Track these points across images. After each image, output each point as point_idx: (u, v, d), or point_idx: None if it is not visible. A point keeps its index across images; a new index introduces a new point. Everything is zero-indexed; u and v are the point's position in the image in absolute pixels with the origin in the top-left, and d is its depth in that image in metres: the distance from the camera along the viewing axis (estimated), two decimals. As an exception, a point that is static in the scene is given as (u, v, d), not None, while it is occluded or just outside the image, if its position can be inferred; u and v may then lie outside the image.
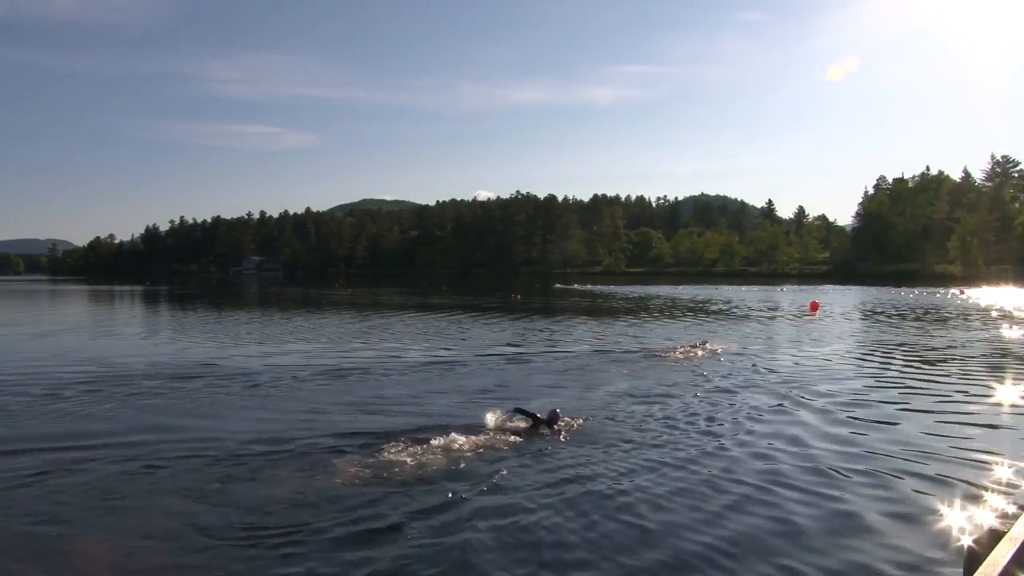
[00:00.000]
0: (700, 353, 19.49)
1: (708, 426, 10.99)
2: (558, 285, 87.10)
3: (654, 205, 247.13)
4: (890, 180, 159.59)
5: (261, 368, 17.14)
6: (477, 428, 10.54)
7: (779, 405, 12.65)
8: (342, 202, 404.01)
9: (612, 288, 76.57)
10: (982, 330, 26.72)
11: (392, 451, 9.47)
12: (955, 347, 21.42)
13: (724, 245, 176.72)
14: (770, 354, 19.97)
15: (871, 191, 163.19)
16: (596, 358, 19.23)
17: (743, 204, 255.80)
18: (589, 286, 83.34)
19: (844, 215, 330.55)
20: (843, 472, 8.51)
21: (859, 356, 19.74)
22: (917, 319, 31.99)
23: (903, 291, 63.60)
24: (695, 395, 13.60)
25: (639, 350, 20.85)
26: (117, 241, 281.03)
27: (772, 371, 16.71)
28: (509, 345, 22.19)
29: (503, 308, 40.24)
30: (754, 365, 17.63)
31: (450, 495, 7.70)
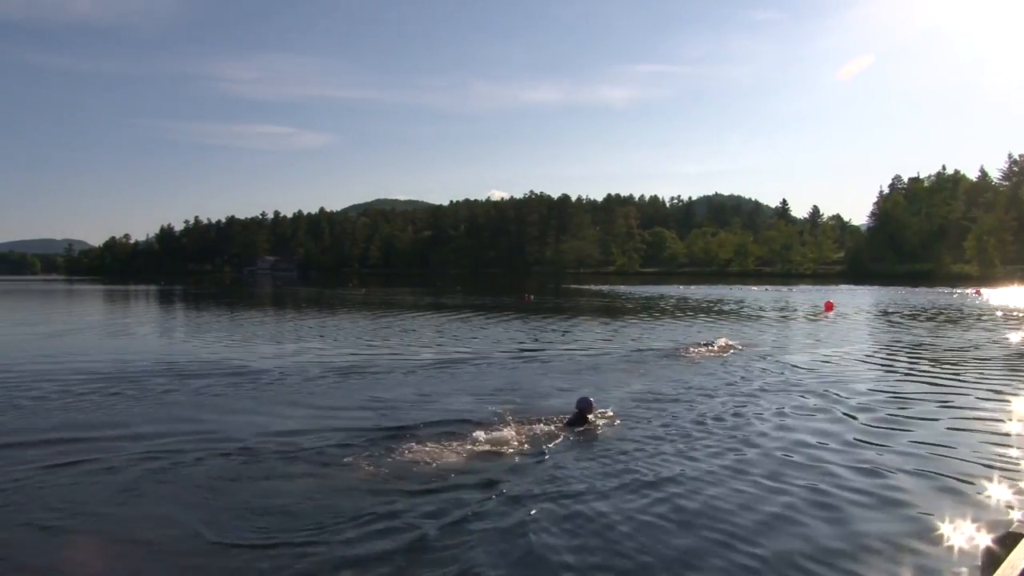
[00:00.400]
0: (717, 351, 19.66)
1: (739, 423, 11.06)
2: (566, 285, 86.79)
3: (668, 205, 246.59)
4: (905, 179, 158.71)
5: (275, 366, 17.26)
6: (505, 423, 10.66)
7: (804, 402, 12.75)
8: (356, 202, 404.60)
9: (622, 288, 76.38)
10: (1003, 331, 26.46)
11: (423, 447, 9.54)
12: (977, 347, 21.21)
13: (738, 245, 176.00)
14: (788, 352, 20.00)
15: (886, 191, 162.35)
16: (613, 357, 19.32)
17: (757, 204, 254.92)
18: (599, 286, 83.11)
19: (859, 215, 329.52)
20: (866, 472, 8.47)
21: (877, 355, 19.63)
22: (933, 320, 31.74)
23: (919, 291, 63.18)
24: (720, 392, 13.72)
25: (657, 348, 20.99)
26: (132, 241, 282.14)
27: (792, 368, 16.82)
28: (525, 344, 22.27)
29: (517, 308, 40.19)
30: (773, 362, 17.77)
31: (481, 491, 7.76)
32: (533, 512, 7.12)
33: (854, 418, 11.39)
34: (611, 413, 11.41)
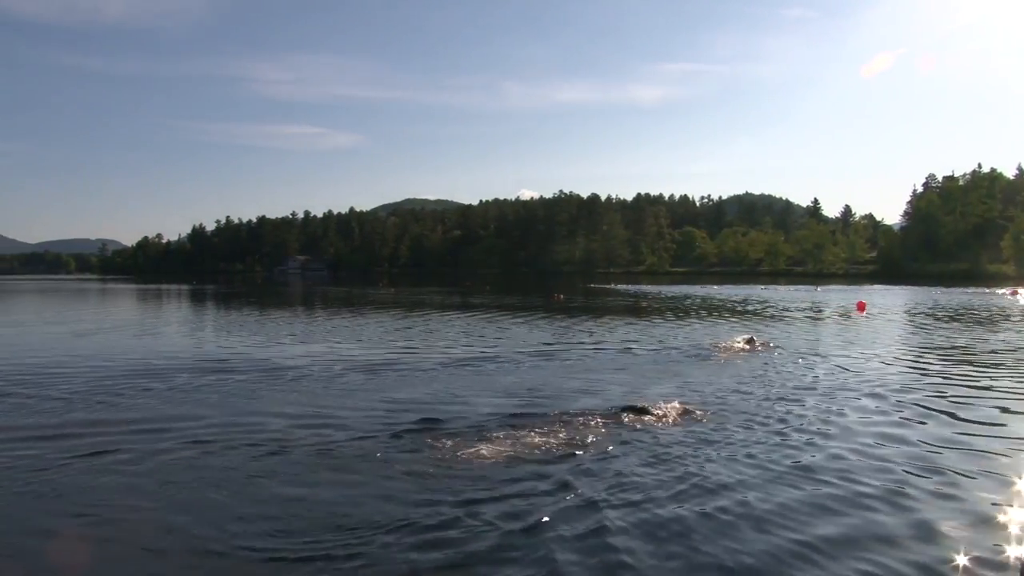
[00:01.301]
0: (751, 348, 19.70)
1: (793, 421, 10.92)
2: (595, 285, 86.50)
3: (698, 204, 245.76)
4: (940, 178, 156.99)
5: (310, 363, 17.31)
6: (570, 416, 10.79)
7: (854, 401, 12.57)
8: (385, 202, 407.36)
9: (652, 288, 76.03)
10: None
11: (474, 444, 9.50)
12: (1016, 350, 20.80)
13: (769, 244, 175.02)
14: (825, 351, 19.74)
15: (920, 189, 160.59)
16: (649, 354, 19.30)
17: (788, 203, 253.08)
18: (629, 286, 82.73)
19: (892, 214, 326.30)
20: (924, 472, 8.28)
21: (915, 356, 19.21)
22: (970, 320, 31.15)
23: (953, 291, 62.29)
24: (765, 390, 13.62)
25: (690, 346, 21.06)
26: (165, 241, 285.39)
27: (834, 367, 16.65)
28: (561, 342, 22.25)
29: (547, 308, 40.07)
30: (813, 361, 17.59)
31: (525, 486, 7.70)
32: (606, 512, 6.96)
33: (910, 419, 11.16)
34: (667, 407, 11.35)
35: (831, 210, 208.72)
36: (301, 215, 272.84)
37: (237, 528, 6.69)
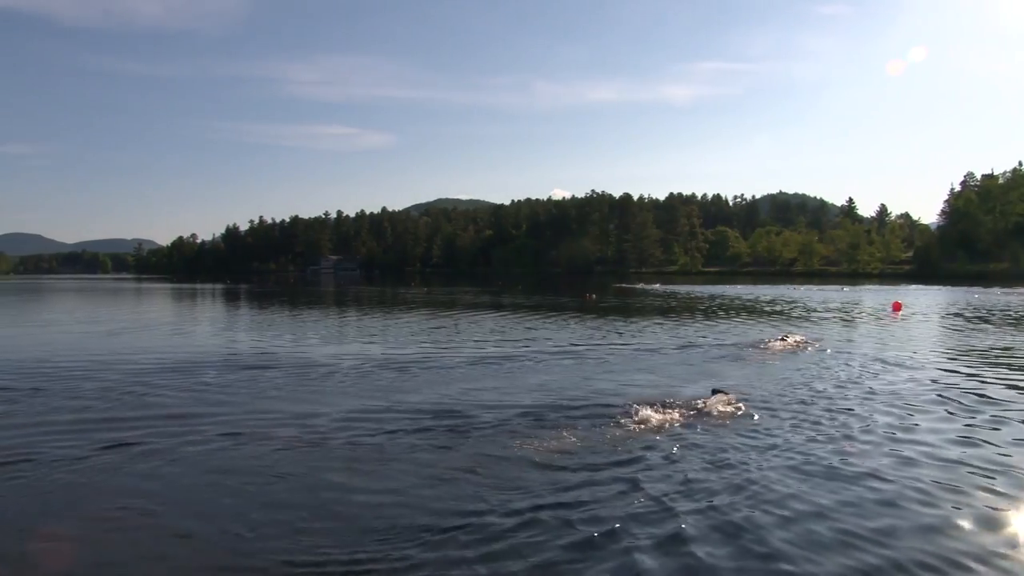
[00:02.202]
0: (787, 347, 19.68)
1: (855, 419, 10.79)
2: (628, 284, 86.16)
3: (731, 204, 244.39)
4: (978, 176, 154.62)
5: (342, 360, 17.31)
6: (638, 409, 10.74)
7: (902, 399, 12.41)
8: (417, 201, 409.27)
9: (678, 287, 75.58)
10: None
11: (539, 439, 9.56)
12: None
13: (803, 244, 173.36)
14: (861, 350, 19.51)
15: (958, 188, 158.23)
16: (684, 353, 19.20)
17: (822, 202, 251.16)
18: (662, 285, 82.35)
19: (929, 213, 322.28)
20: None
21: (956, 356, 18.85)
22: (1012, 321, 30.63)
23: (993, 292, 61.16)
24: (816, 387, 13.54)
25: (726, 345, 21.06)
26: (199, 240, 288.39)
27: (882, 366, 16.47)
28: (598, 340, 22.22)
29: (580, 308, 39.95)
30: (860, 360, 17.41)
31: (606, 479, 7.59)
32: (677, 511, 6.82)
33: (966, 418, 10.95)
34: (730, 402, 11.42)
35: (866, 209, 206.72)
36: (334, 215, 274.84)
37: (267, 525, 6.62)
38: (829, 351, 19.14)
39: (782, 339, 20.56)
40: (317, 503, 7.22)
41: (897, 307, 36.65)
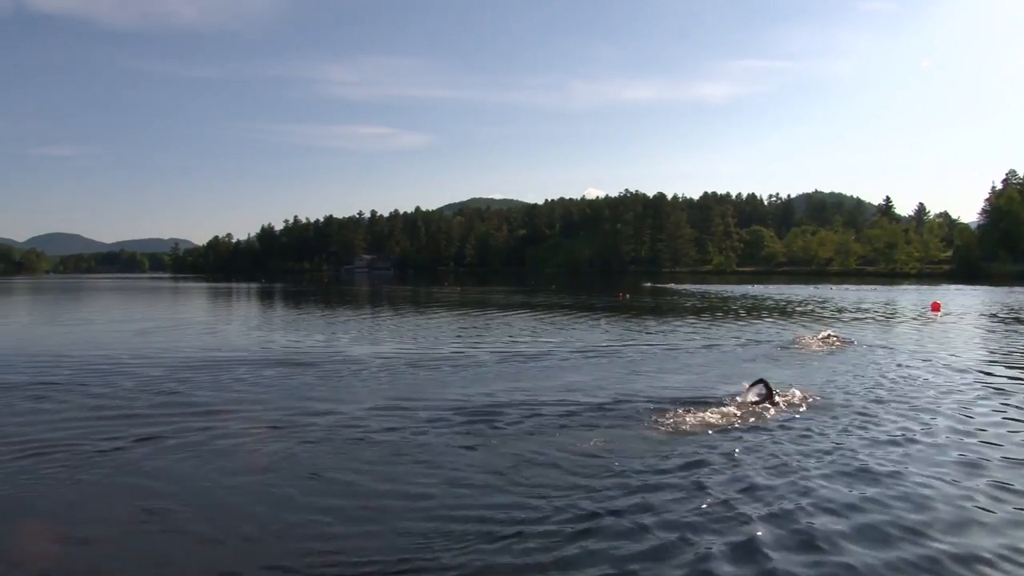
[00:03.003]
0: (828, 345, 19.65)
1: (909, 415, 10.74)
2: (661, 284, 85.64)
3: (766, 203, 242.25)
4: (1021, 174, 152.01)
5: (376, 358, 17.30)
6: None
7: (957, 396, 12.37)
8: (451, 201, 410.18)
9: (710, 287, 75.06)
10: None
11: (600, 435, 9.60)
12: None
13: (839, 244, 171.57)
14: (905, 349, 19.41)
15: (999, 186, 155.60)
16: (724, 351, 19.25)
17: (859, 201, 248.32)
18: (686, 285, 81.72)
19: (969, 212, 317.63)
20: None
21: (996, 356, 18.50)
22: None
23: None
24: (865, 384, 13.51)
25: (766, 342, 21.15)
26: (234, 240, 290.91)
27: (915, 362, 16.49)
28: (634, 338, 22.01)
29: (613, 307, 39.73)
30: (892, 356, 17.44)
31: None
32: (747, 514, 6.61)
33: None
34: (790, 396, 11.49)
35: (904, 208, 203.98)
36: (368, 215, 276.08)
37: (306, 526, 6.53)
38: (869, 349, 18.97)
39: (821, 337, 20.50)
40: (356, 503, 7.12)
41: (936, 307, 36.06)
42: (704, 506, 6.79)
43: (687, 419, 10.14)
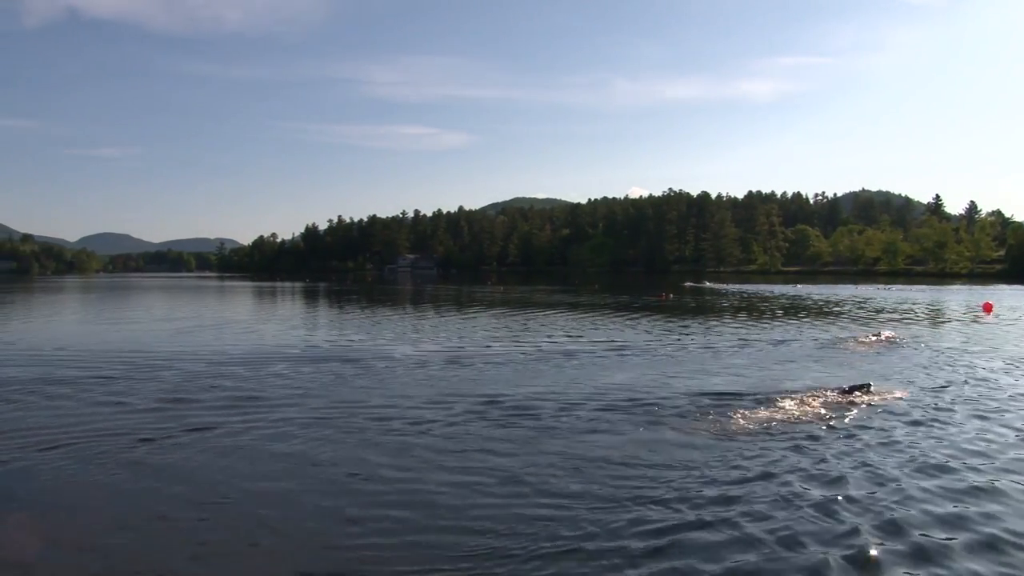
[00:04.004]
0: (886, 343, 19.73)
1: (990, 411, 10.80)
2: (703, 284, 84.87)
3: (812, 202, 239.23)
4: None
5: (424, 355, 17.59)
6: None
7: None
8: (494, 200, 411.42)
9: (750, 287, 74.32)
10: None
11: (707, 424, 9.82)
12: None
13: (886, 243, 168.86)
14: (965, 348, 19.32)
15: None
16: (781, 348, 19.41)
17: (907, 200, 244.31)
18: (723, 285, 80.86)
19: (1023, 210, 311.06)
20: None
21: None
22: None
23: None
24: (935, 380, 13.64)
25: (822, 340, 21.25)
26: (279, 240, 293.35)
27: (980, 362, 16.40)
28: (692, 336, 22.18)
29: (657, 307, 39.43)
30: (955, 356, 17.41)
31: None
32: (852, 518, 6.45)
33: None
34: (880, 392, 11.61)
35: (954, 207, 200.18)
36: (411, 214, 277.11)
37: (361, 522, 6.53)
38: (924, 348, 18.89)
39: (875, 336, 20.58)
40: (414, 499, 7.08)
41: (988, 308, 35.36)
42: (802, 515, 6.55)
43: (758, 417, 10.14)
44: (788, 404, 10.65)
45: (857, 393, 11.29)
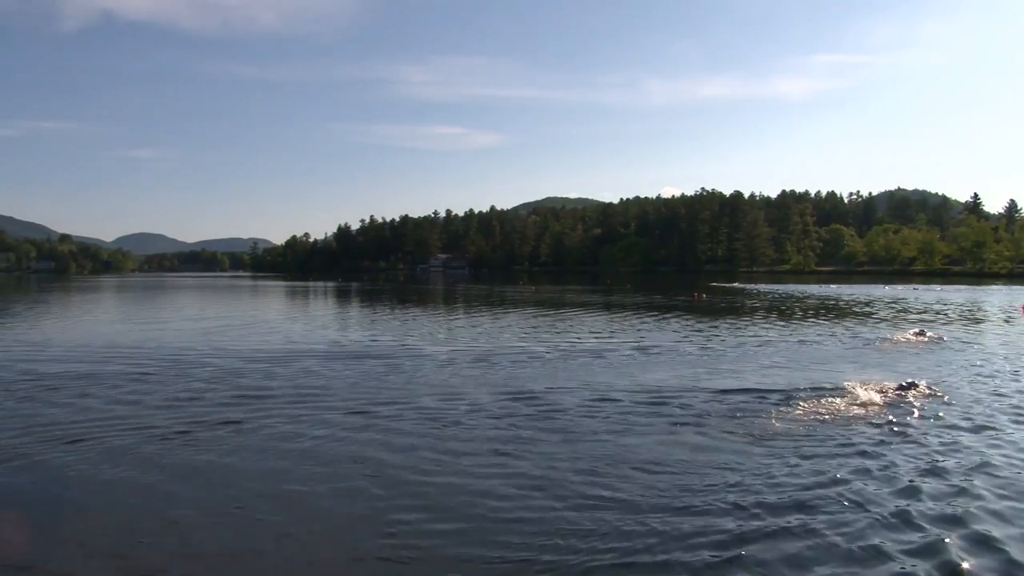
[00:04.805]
0: (924, 341, 19.75)
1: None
2: (738, 284, 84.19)
3: (846, 201, 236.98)
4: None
5: (454, 352, 17.63)
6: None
7: None
8: (525, 200, 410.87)
9: (782, 287, 73.59)
10: None
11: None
12: None
13: (923, 243, 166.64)
14: (1002, 347, 19.15)
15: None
16: (821, 346, 19.49)
17: (944, 199, 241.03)
18: (753, 285, 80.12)
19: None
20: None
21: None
22: None
23: None
24: (977, 379, 13.56)
25: (858, 338, 21.36)
26: (312, 240, 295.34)
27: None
28: (741, 335, 22.16)
29: (689, 307, 39.16)
30: (994, 354, 17.37)
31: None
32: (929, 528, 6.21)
33: None
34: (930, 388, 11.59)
35: (993, 206, 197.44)
36: (443, 214, 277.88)
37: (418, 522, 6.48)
38: (966, 347, 18.82)
39: (915, 334, 20.62)
40: (451, 501, 7.00)
41: (1027, 309, 34.79)
42: (878, 522, 6.30)
43: (808, 416, 10.06)
44: (838, 402, 10.52)
45: (912, 392, 11.15)
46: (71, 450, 8.58)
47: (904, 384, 11.37)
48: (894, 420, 9.74)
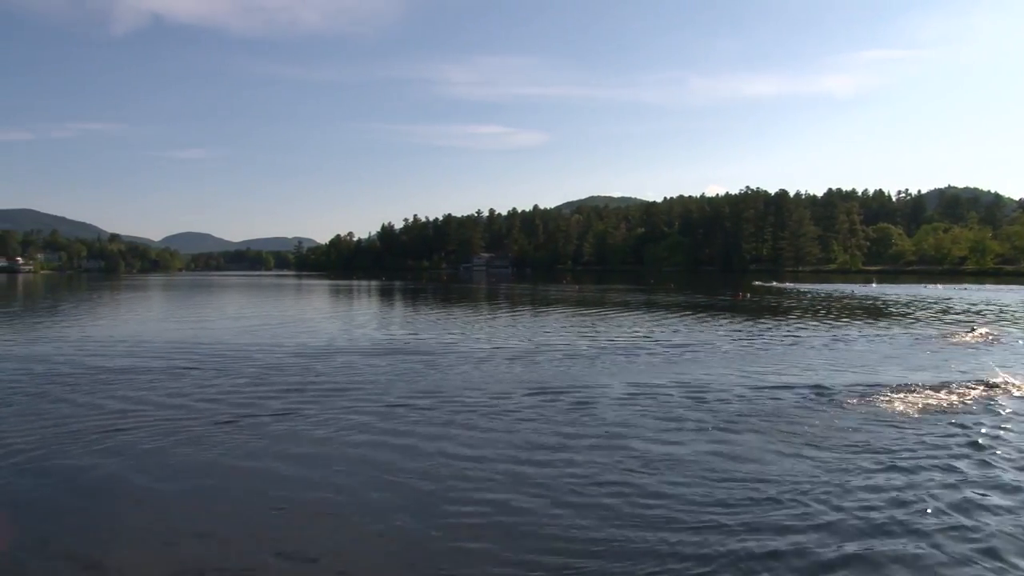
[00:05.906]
0: (981, 340, 19.71)
1: None
2: (779, 284, 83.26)
3: (894, 199, 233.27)
4: None
5: (494, 349, 17.53)
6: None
7: None
8: (569, 199, 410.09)
9: (820, 286, 72.70)
10: None
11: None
12: None
13: (974, 242, 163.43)
14: None
15: None
16: (879, 343, 19.63)
17: (996, 196, 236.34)
18: (794, 284, 79.32)
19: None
20: None
21: None
22: None
23: None
24: None
25: (915, 337, 21.32)
26: (355, 239, 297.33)
27: None
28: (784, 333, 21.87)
29: (733, 307, 38.82)
30: None
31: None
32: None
33: None
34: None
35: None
36: (486, 213, 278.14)
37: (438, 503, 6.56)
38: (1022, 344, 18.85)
39: (971, 332, 20.61)
40: (496, 498, 6.98)
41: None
42: (999, 527, 6.15)
43: (889, 412, 9.99)
44: (913, 398, 10.46)
45: (995, 389, 11.04)
46: (116, 442, 8.88)
47: (982, 382, 11.26)
48: (986, 422, 9.60)
